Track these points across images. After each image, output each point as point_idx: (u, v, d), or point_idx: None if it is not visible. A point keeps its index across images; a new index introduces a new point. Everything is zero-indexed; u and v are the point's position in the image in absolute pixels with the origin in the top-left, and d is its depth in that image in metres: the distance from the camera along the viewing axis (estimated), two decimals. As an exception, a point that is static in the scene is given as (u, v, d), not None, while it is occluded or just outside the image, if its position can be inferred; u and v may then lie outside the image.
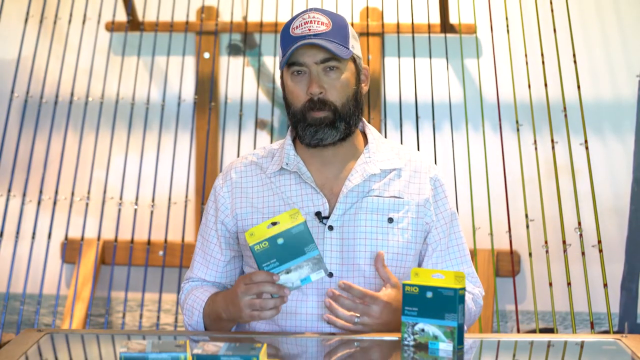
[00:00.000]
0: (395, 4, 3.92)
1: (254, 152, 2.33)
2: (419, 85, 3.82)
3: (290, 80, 2.20)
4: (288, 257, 2.05)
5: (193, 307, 2.22)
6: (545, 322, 3.91)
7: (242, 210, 2.24)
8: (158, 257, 3.92)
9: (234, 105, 3.99)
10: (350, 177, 2.21)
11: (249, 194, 2.26)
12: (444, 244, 2.26)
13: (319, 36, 2.16)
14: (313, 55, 2.16)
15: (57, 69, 3.98)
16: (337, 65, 2.17)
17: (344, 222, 2.19)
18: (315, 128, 2.18)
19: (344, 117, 2.19)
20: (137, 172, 3.92)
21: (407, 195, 2.23)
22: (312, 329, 2.17)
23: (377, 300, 2.09)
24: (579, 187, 3.60)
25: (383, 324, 2.10)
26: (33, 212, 3.98)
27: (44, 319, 4.12)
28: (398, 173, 2.25)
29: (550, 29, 3.70)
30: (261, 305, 2.05)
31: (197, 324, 2.21)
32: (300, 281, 2.06)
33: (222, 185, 2.29)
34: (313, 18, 2.18)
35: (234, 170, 2.30)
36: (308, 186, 2.22)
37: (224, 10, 4.04)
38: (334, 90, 2.18)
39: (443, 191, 2.28)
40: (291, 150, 2.25)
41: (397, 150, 2.29)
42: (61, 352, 2.04)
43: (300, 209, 2.20)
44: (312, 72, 2.17)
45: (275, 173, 2.25)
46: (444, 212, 2.27)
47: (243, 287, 2.06)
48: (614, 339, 2.06)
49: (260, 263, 2.05)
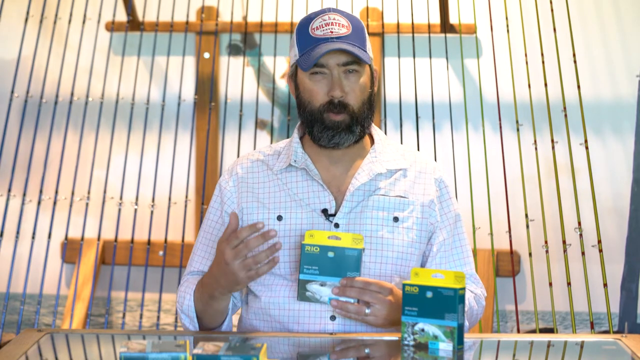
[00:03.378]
0: (395, 4, 3.92)
1: (259, 150, 2.34)
2: (419, 85, 3.82)
3: (308, 80, 2.20)
4: (329, 272, 2.08)
5: (185, 292, 2.21)
6: (545, 322, 3.91)
7: (248, 205, 2.25)
8: (158, 257, 3.92)
9: (234, 105, 3.99)
10: (357, 175, 2.23)
11: (255, 189, 2.26)
12: (448, 244, 2.27)
13: (341, 39, 2.17)
14: (337, 58, 2.17)
15: (57, 69, 3.98)
16: (358, 68, 2.19)
17: (350, 219, 2.20)
18: (332, 132, 2.19)
19: (360, 120, 2.20)
20: (137, 172, 3.92)
21: (412, 195, 2.25)
22: (314, 328, 2.17)
23: (382, 287, 2.10)
24: (579, 187, 3.60)
25: (391, 319, 2.10)
26: (33, 212, 3.98)
27: (44, 319, 4.12)
28: (404, 173, 2.27)
29: (550, 28, 3.70)
30: (255, 262, 2.02)
31: (188, 308, 2.19)
32: (328, 299, 2.08)
33: (228, 179, 2.29)
34: (334, 20, 2.19)
35: (240, 166, 2.30)
36: (315, 183, 2.23)
37: (224, 10, 4.04)
38: (353, 94, 2.19)
39: (448, 192, 2.29)
40: (299, 147, 2.27)
41: (402, 152, 2.31)
42: (61, 352, 2.04)
43: (307, 206, 2.21)
44: (334, 75, 2.17)
45: (282, 170, 2.26)
46: (449, 214, 2.28)
47: (230, 252, 2.02)
48: (614, 339, 2.06)
49: (302, 263, 2.08)
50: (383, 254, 2.19)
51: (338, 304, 2.09)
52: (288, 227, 2.20)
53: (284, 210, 2.22)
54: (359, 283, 2.09)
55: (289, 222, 2.21)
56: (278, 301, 2.19)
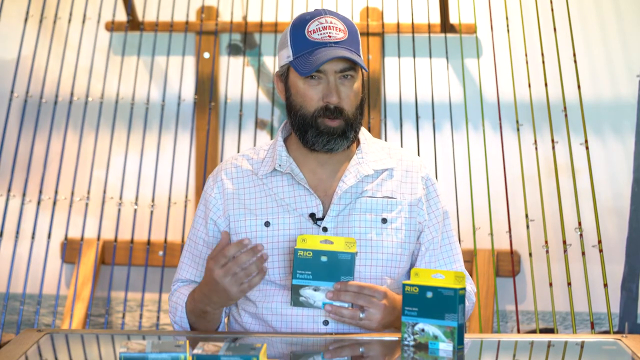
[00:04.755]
0: (395, 4, 3.92)
1: (242, 154, 2.30)
2: (419, 85, 3.82)
3: (302, 84, 2.17)
4: (323, 277, 2.07)
5: (177, 303, 2.21)
6: (546, 322, 3.90)
7: (235, 212, 2.22)
8: (158, 257, 3.92)
9: (233, 105, 3.99)
10: (344, 178, 2.21)
11: (240, 195, 2.23)
12: (437, 242, 2.26)
13: (340, 44, 2.15)
14: (335, 64, 2.15)
15: (57, 69, 3.98)
16: (353, 74, 2.17)
17: (338, 223, 2.19)
18: (327, 137, 2.17)
19: (354, 126, 2.19)
20: (137, 172, 3.92)
21: (399, 195, 2.23)
22: (307, 332, 2.16)
23: (376, 291, 2.09)
24: (579, 187, 3.60)
25: (385, 323, 2.10)
26: (33, 212, 3.98)
27: (44, 319, 4.11)
28: (390, 173, 2.25)
29: (550, 28, 3.69)
30: (247, 274, 2.01)
31: (181, 319, 2.19)
32: (322, 303, 2.07)
33: (213, 187, 2.27)
34: (330, 24, 2.16)
35: (224, 172, 2.27)
36: (301, 187, 2.21)
37: (224, 10, 4.04)
38: (348, 100, 2.17)
39: (435, 190, 2.28)
40: (283, 151, 2.24)
41: (387, 150, 2.29)
42: (61, 352, 2.04)
43: (294, 211, 2.19)
44: (331, 81, 2.15)
45: (267, 175, 2.24)
46: (436, 211, 2.27)
47: (219, 270, 2.02)
48: (614, 339, 2.06)
49: (295, 268, 2.07)
50: (373, 257, 2.18)
51: (332, 308, 2.08)
52: (276, 233, 2.19)
53: (271, 216, 2.20)
54: (353, 287, 2.08)
55: (276, 228, 2.19)
56: (271, 306, 2.18)
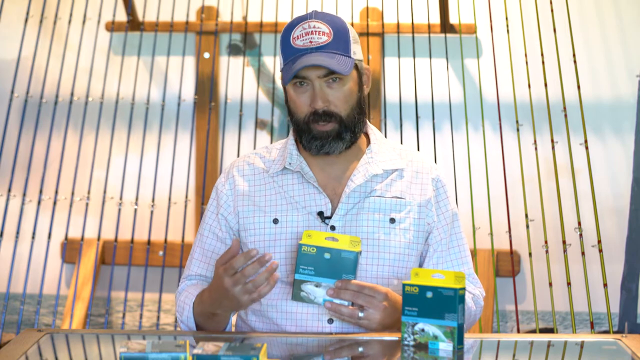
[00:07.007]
0: (395, 4, 3.92)
1: (255, 152, 2.32)
2: (419, 85, 3.82)
3: (292, 91, 2.18)
4: (325, 273, 2.07)
5: (184, 302, 2.21)
6: (545, 322, 3.91)
7: (245, 209, 2.24)
8: (158, 257, 3.92)
9: (234, 105, 3.99)
10: (353, 177, 2.21)
11: (251, 192, 2.25)
12: (445, 244, 2.26)
13: (320, 49, 2.14)
14: (316, 70, 2.14)
15: (57, 69, 3.98)
16: (340, 76, 2.16)
17: (346, 222, 2.19)
18: (321, 141, 2.18)
19: (350, 126, 2.18)
20: (137, 172, 3.93)
21: (409, 195, 2.23)
22: (312, 330, 2.17)
23: (376, 292, 2.09)
24: (579, 187, 3.60)
25: (385, 324, 2.10)
26: (33, 212, 3.98)
27: (44, 319, 4.12)
28: (400, 173, 2.25)
29: (550, 29, 3.70)
30: (255, 285, 2.02)
31: (188, 319, 2.19)
32: (322, 300, 2.08)
33: (224, 183, 2.29)
34: (314, 28, 2.16)
35: (236, 169, 2.29)
36: (311, 186, 2.22)
37: (224, 10, 4.04)
38: (339, 102, 2.17)
39: (445, 192, 2.28)
40: (294, 149, 2.25)
41: (398, 151, 2.29)
42: (61, 352, 2.04)
43: (303, 209, 2.20)
44: (316, 86, 2.15)
45: (278, 172, 2.25)
46: (446, 213, 2.27)
47: (229, 280, 2.02)
48: (614, 339, 2.06)
49: (298, 263, 2.07)
50: (380, 256, 2.19)
51: (332, 306, 2.08)
52: (284, 230, 2.20)
53: (280, 213, 2.21)
54: (353, 286, 2.08)
55: (284, 225, 2.20)
56: (275, 303, 2.19)
